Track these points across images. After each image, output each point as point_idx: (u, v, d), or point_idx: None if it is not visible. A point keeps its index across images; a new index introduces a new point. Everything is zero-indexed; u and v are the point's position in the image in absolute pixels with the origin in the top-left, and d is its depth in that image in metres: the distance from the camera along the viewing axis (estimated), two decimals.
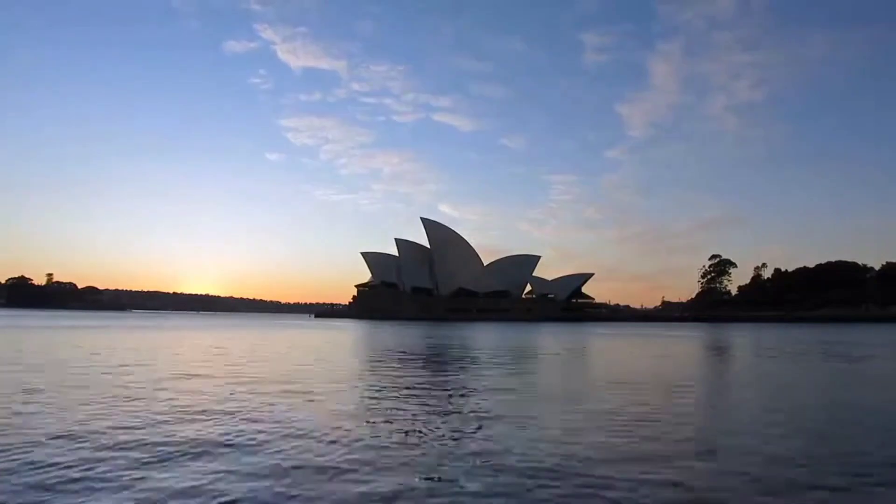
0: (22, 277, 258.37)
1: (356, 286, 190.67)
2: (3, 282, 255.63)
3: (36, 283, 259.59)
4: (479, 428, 9.85)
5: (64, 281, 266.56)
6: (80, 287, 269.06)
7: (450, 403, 12.57)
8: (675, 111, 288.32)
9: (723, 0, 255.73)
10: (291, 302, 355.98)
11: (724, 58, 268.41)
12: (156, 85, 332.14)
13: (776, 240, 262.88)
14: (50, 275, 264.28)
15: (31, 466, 7.14)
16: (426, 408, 11.94)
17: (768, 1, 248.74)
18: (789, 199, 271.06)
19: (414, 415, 11.18)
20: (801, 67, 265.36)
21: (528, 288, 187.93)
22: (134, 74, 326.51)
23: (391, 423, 10.33)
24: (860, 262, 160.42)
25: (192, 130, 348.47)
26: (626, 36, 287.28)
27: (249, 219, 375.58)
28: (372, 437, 9.06)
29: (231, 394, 13.39)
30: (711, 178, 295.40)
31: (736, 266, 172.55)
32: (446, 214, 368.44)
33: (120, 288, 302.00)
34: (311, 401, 12.71)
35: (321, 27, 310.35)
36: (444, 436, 9.29)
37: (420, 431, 9.62)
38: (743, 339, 49.70)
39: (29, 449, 7.96)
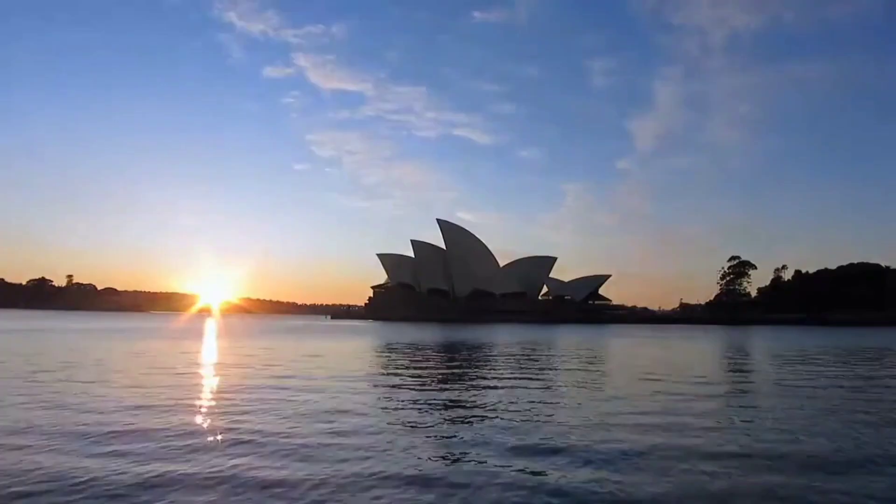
0: (42, 279, 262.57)
1: (372, 287, 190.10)
2: (23, 283, 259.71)
3: (56, 285, 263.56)
4: None
5: (84, 283, 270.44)
6: (99, 289, 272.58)
7: None
8: (681, 125, 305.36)
9: (715, 34, 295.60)
10: (308, 303, 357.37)
11: (722, 80, 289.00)
12: (190, 103, 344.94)
13: (796, 242, 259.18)
14: (70, 276, 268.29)
15: None
16: None
17: (754, 36, 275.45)
18: (808, 202, 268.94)
19: None
20: (795, 87, 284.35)
21: (545, 289, 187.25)
22: (173, 93, 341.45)
23: None
24: (883, 264, 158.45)
25: (221, 142, 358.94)
26: (629, 62, 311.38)
27: (271, 225, 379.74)
28: None
29: None
30: (723, 184, 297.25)
31: (755, 268, 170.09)
32: (464, 220, 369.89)
33: (139, 290, 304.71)
34: None
35: (350, 54, 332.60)
36: None
37: None
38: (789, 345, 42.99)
39: None
